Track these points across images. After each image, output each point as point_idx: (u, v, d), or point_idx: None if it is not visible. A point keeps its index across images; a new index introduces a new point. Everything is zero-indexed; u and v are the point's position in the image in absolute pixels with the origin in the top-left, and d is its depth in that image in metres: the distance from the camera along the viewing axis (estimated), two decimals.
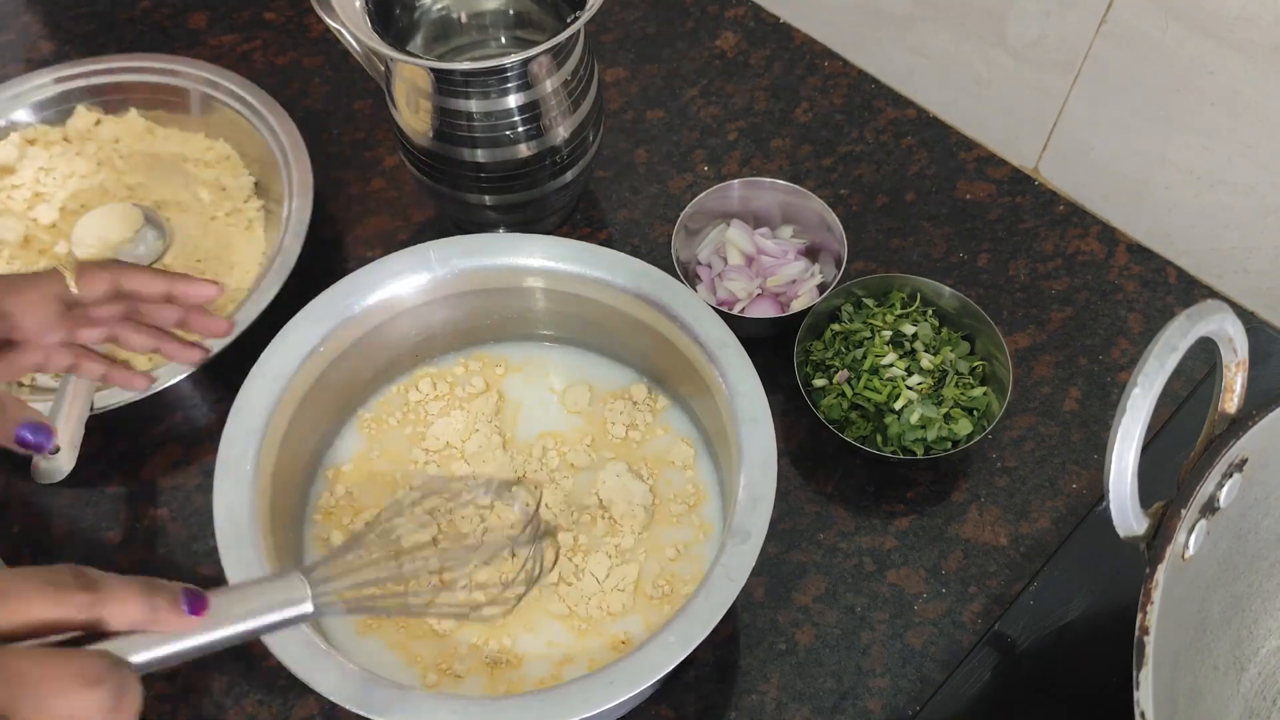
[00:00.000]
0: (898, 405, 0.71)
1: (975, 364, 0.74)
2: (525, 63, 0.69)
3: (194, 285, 0.61)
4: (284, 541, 0.62)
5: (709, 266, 0.81)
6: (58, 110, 0.87)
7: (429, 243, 0.67)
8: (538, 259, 0.67)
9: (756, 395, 0.62)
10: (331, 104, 0.93)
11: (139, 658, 0.41)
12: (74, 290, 0.57)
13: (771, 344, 0.76)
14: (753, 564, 0.56)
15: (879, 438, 0.72)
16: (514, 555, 0.61)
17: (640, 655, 0.53)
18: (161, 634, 0.41)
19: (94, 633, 0.40)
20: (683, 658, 0.53)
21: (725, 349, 0.63)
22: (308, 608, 0.45)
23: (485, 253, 0.67)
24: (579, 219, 0.86)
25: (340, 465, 0.68)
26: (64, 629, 0.40)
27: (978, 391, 0.73)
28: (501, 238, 0.68)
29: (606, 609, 0.63)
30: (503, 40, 0.82)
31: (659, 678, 0.53)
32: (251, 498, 0.58)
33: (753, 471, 0.59)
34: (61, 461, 0.67)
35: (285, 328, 0.64)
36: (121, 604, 0.40)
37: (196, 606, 0.42)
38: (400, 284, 0.66)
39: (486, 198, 0.77)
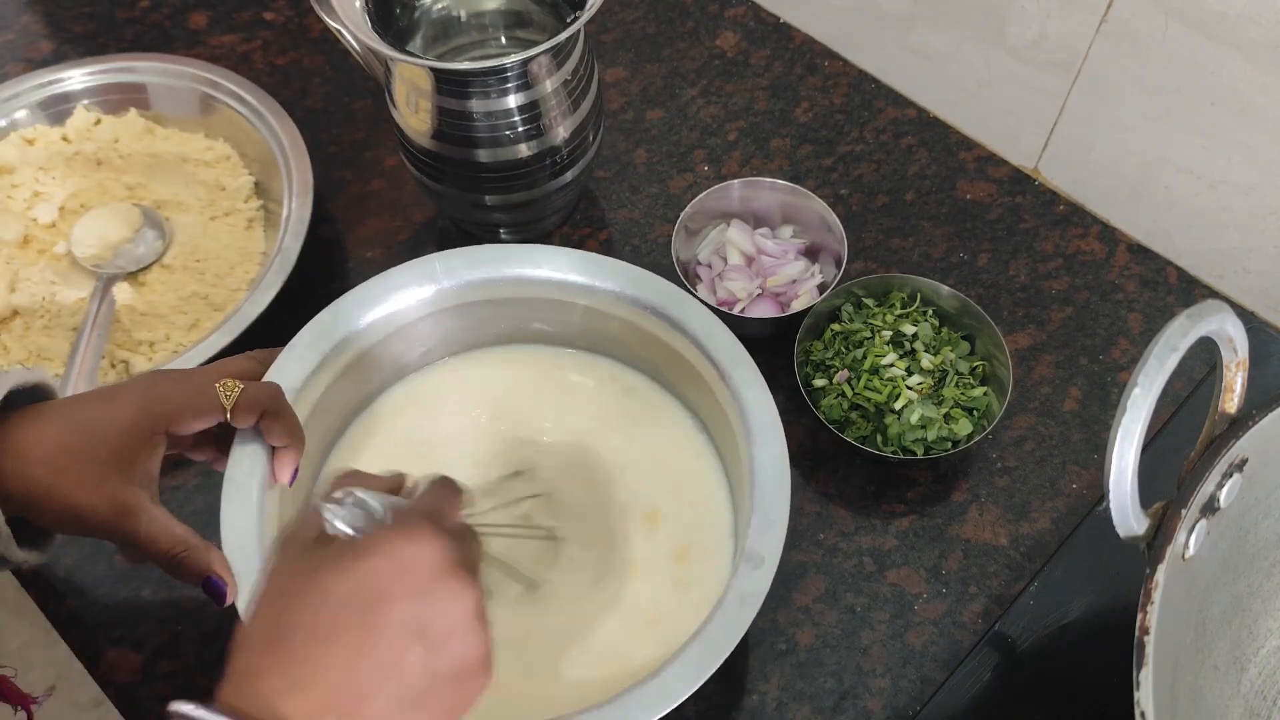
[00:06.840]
0: (898, 405, 0.71)
1: (975, 364, 0.74)
2: (525, 63, 0.69)
3: (285, 463, 0.59)
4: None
5: (709, 266, 0.81)
6: (57, 110, 0.87)
7: (429, 256, 0.67)
8: (545, 270, 0.67)
9: (768, 411, 0.60)
10: (331, 104, 0.93)
11: None
12: (227, 419, 0.56)
13: (771, 344, 0.76)
14: (766, 589, 0.55)
15: (879, 438, 0.72)
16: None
17: (656, 682, 0.52)
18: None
19: None
20: (699, 685, 0.52)
21: (737, 365, 0.62)
22: None
23: (491, 263, 0.67)
24: (579, 219, 0.86)
25: (343, 469, 0.68)
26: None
27: (978, 391, 0.73)
28: (499, 248, 0.68)
29: (612, 630, 0.63)
30: (503, 40, 0.82)
31: (674, 706, 0.52)
32: (259, 507, 0.58)
33: (765, 494, 0.58)
34: None
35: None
36: None
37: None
38: (398, 299, 0.66)
39: (486, 198, 0.77)
